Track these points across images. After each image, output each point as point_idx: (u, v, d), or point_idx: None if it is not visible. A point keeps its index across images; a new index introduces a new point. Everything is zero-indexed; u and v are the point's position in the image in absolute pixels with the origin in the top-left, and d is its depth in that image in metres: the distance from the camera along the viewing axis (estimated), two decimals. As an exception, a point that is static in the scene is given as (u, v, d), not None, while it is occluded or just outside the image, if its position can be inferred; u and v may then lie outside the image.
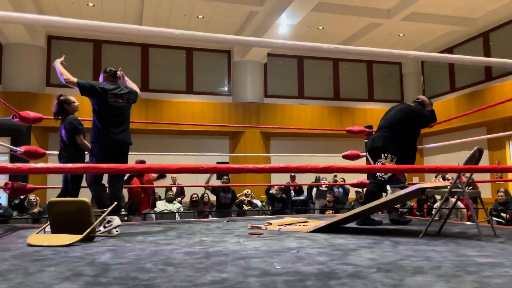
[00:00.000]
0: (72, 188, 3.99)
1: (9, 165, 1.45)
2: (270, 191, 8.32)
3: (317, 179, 9.94)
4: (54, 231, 3.16)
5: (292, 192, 8.99)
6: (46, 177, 10.25)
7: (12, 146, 4.70)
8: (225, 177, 8.89)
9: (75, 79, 3.74)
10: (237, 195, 8.48)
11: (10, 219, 6.38)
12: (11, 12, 1.58)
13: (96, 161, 3.76)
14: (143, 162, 7.03)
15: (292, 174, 9.23)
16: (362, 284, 1.70)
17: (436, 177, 8.61)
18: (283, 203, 8.22)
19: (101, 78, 4.00)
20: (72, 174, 3.89)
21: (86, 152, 4.09)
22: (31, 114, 4.53)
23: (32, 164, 1.51)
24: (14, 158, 8.70)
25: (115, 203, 3.58)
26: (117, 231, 3.40)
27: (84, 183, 4.06)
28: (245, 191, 8.64)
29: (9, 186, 4.36)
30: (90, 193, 3.94)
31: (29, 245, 2.85)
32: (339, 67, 13.44)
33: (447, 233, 3.36)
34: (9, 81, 10.52)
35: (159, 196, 8.66)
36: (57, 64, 3.82)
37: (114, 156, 3.77)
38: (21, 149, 4.44)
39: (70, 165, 1.52)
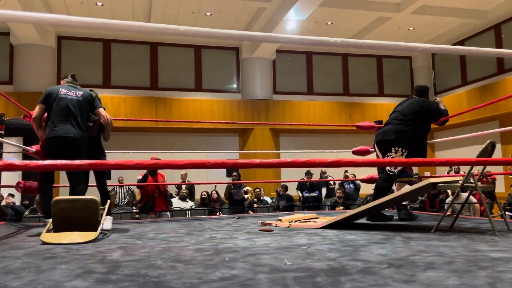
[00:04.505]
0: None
1: (17, 162, 1.46)
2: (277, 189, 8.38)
3: (322, 176, 9.86)
4: (58, 229, 3.09)
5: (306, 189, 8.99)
6: (59, 176, 10.37)
7: (24, 146, 4.74)
8: (235, 173, 8.82)
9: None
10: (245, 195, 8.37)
11: (23, 218, 6.46)
12: (20, 11, 1.58)
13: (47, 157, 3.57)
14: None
15: (309, 172, 9.19)
16: (373, 280, 1.68)
17: (448, 172, 8.51)
18: (287, 200, 8.25)
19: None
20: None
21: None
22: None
23: (39, 162, 1.51)
24: (26, 157, 8.79)
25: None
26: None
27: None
28: (246, 188, 8.47)
29: (21, 185, 4.39)
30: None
31: (44, 243, 2.87)
32: (348, 62, 13.34)
33: (459, 228, 3.31)
34: (21, 82, 10.66)
35: (171, 194, 8.64)
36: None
37: (60, 152, 3.51)
38: (32, 148, 4.48)
39: (77, 162, 1.52)
